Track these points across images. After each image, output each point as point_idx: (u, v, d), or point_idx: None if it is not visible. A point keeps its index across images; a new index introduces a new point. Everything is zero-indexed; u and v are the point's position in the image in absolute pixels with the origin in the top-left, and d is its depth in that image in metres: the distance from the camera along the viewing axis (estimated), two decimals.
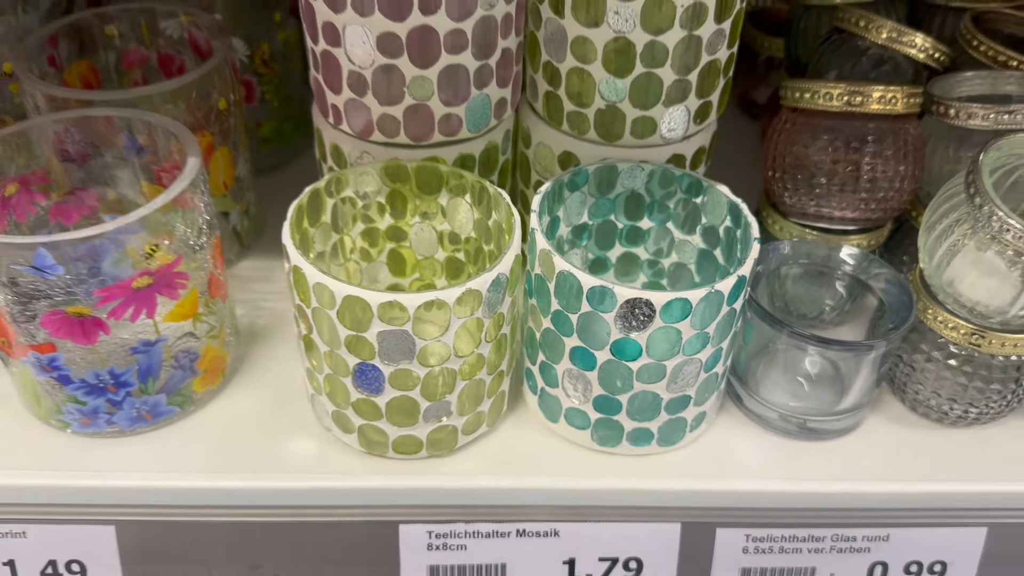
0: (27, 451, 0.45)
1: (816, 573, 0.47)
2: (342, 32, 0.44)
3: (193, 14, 0.56)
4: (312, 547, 0.45)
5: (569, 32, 0.45)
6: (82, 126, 0.48)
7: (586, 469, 0.45)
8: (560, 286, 0.42)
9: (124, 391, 0.44)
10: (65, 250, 0.39)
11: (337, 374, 0.42)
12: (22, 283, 0.39)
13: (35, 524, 0.44)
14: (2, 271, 0.39)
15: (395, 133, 0.47)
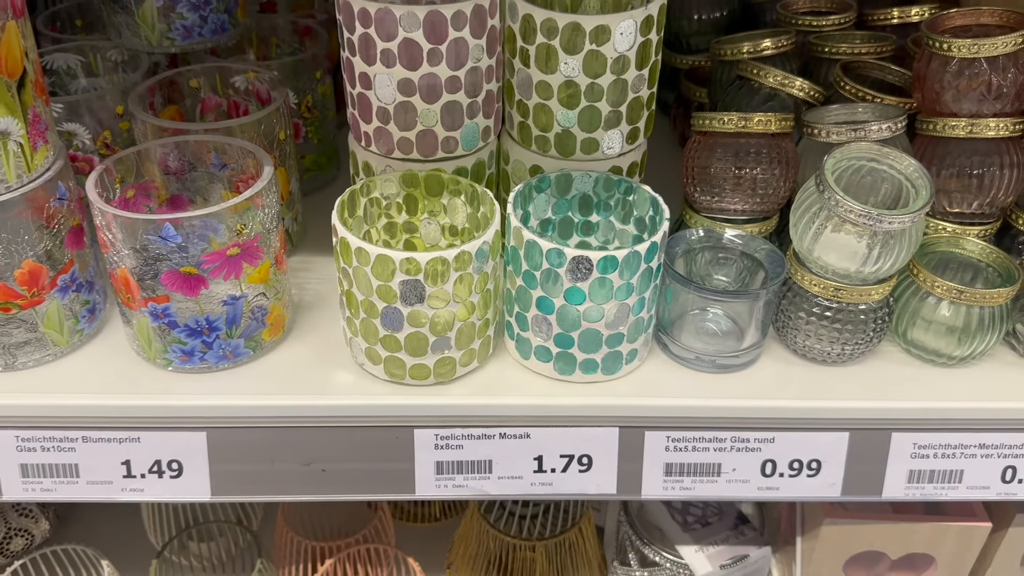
0: (141, 380, 0.62)
1: (721, 467, 0.63)
2: (373, 79, 0.62)
3: (257, 71, 0.74)
4: (350, 447, 0.61)
5: (534, 78, 0.64)
6: (181, 148, 0.65)
7: (550, 390, 0.62)
8: (528, 251, 0.59)
9: (215, 335, 0.61)
10: (184, 225, 0.56)
11: (369, 317, 0.59)
12: (151, 249, 0.57)
13: (146, 431, 0.60)
14: (137, 240, 0.56)
15: (409, 151, 0.64)
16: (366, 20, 0.60)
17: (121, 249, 0.57)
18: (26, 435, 0.60)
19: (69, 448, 0.60)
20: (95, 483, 0.61)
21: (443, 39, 0.60)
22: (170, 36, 0.74)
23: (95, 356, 0.64)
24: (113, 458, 0.60)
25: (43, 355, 0.62)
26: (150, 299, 0.59)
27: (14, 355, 0.61)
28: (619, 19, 0.60)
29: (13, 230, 0.57)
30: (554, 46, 0.62)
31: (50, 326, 0.62)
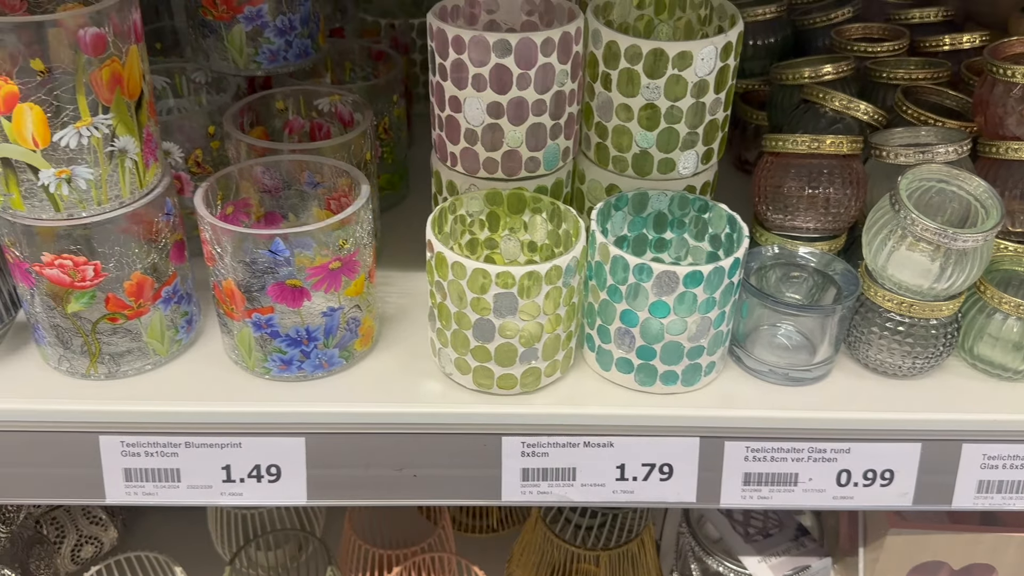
0: (241, 388, 0.64)
1: (798, 477, 0.65)
2: (463, 102, 0.65)
3: (340, 94, 0.78)
4: (440, 453, 0.64)
5: (615, 101, 0.67)
6: (277, 167, 0.69)
7: (631, 401, 0.64)
8: (614, 266, 0.61)
9: (313, 345, 0.64)
10: (291, 239, 0.59)
11: (461, 328, 0.62)
12: (260, 263, 0.60)
13: (248, 437, 0.63)
14: (247, 254, 0.59)
15: (494, 170, 0.67)
16: (460, 47, 0.63)
17: (229, 262, 0.60)
18: (131, 440, 0.62)
19: (172, 453, 0.63)
20: (195, 487, 0.64)
21: (532, 64, 0.63)
22: (257, 60, 0.77)
23: (193, 365, 0.67)
24: (214, 463, 0.63)
25: (144, 363, 0.65)
26: (254, 310, 0.62)
27: (118, 363, 0.64)
28: (701, 45, 0.63)
29: (125, 243, 0.60)
30: (636, 71, 0.65)
31: (152, 336, 0.65)
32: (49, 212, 0.57)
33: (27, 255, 0.59)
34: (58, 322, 0.62)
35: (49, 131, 0.54)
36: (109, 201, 0.59)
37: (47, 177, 0.56)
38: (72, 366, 0.64)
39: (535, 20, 0.72)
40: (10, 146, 0.54)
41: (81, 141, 0.55)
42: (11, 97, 0.53)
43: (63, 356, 0.64)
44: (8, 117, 0.53)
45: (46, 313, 0.61)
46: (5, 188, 0.56)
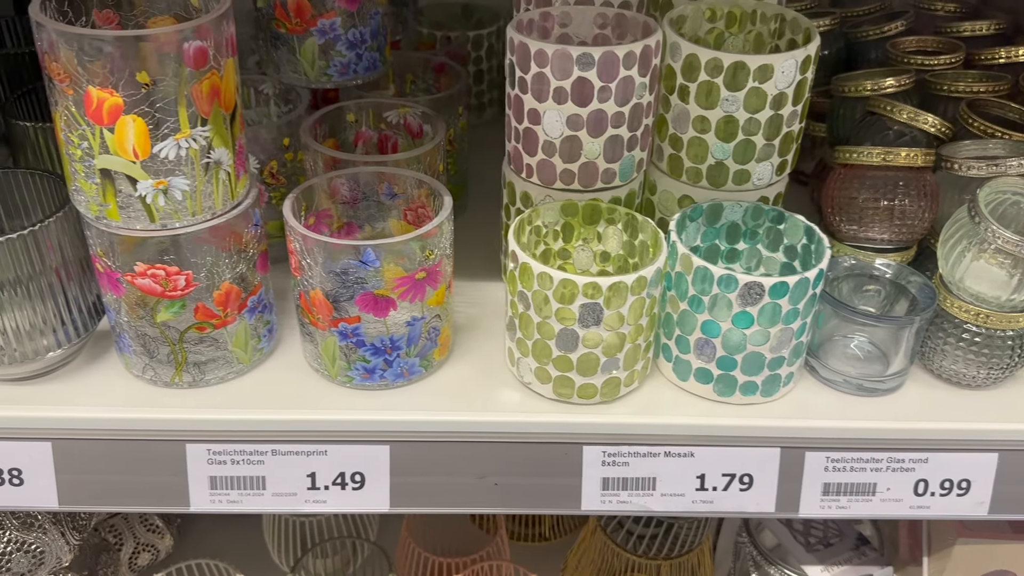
0: (325, 396, 0.65)
1: (876, 487, 0.65)
2: (542, 115, 0.66)
3: (409, 106, 0.79)
4: (522, 462, 0.64)
5: (692, 113, 0.67)
6: (355, 179, 0.69)
7: (711, 411, 0.65)
8: (696, 276, 0.62)
9: (396, 353, 0.64)
10: (382, 250, 0.60)
11: (544, 338, 0.62)
12: (351, 273, 0.60)
13: (334, 445, 0.63)
14: (338, 265, 0.60)
15: (571, 182, 0.68)
16: (542, 60, 0.64)
17: (319, 273, 0.61)
18: (217, 448, 0.63)
19: (258, 461, 0.63)
20: (280, 495, 0.64)
21: (613, 77, 0.64)
22: (328, 72, 0.78)
23: (274, 373, 0.67)
24: (300, 471, 0.64)
25: (228, 372, 0.66)
26: (341, 320, 0.62)
27: (202, 372, 0.65)
28: (783, 59, 0.64)
29: (215, 254, 0.61)
30: (716, 83, 0.65)
31: (237, 344, 0.65)
32: (144, 222, 0.58)
33: (119, 265, 0.60)
34: (146, 331, 0.62)
35: (150, 143, 0.55)
36: (202, 212, 0.59)
37: (145, 188, 0.57)
38: (157, 374, 0.65)
39: (607, 33, 0.73)
40: (111, 157, 0.55)
41: (180, 153, 0.56)
42: (115, 109, 0.53)
43: (148, 365, 0.64)
44: (111, 129, 0.54)
45: (134, 322, 0.62)
46: (102, 199, 0.57)
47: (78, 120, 0.54)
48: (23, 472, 0.63)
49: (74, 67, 0.52)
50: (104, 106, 0.53)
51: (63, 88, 0.53)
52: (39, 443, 0.62)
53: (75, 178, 0.58)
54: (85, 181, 0.57)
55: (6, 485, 0.63)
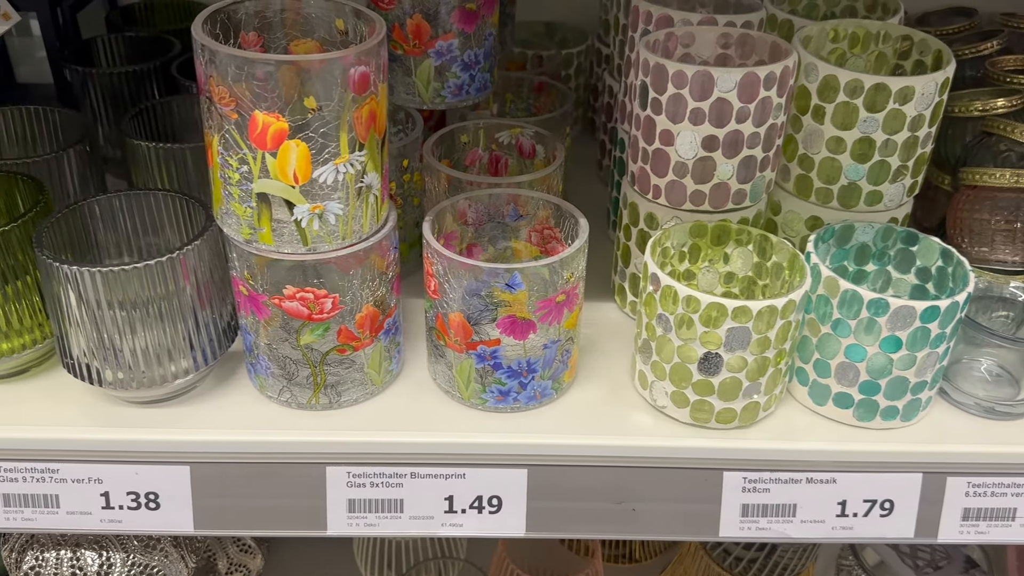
0: (458, 419, 0.65)
1: (1016, 512, 0.64)
2: (676, 136, 0.65)
3: (522, 126, 0.78)
4: (660, 487, 0.63)
5: (826, 133, 0.67)
6: (482, 201, 0.69)
7: (852, 436, 0.64)
8: (843, 300, 0.61)
9: (532, 376, 0.64)
10: (528, 274, 0.59)
11: (684, 362, 0.62)
12: (495, 296, 0.60)
13: (471, 468, 0.63)
14: (482, 287, 0.60)
15: (701, 203, 0.68)
16: (681, 81, 0.64)
17: (462, 295, 0.61)
18: (357, 471, 0.63)
19: (397, 484, 0.63)
20: (417, 518, 0.64)
21: (753, 98, 0.64)
22: (442, 94, 0.78)
23: (404, 395, 0.67)
24: (438, 494, 0.63)
25: (361, 394, 0.66)
26: (480, 342, 0.62)
27: (339, 394, 0.65)
28: (923, 81, 0.64)
29: (361, 276, 0.61)
30: (855, 104, 0.65)
31: (372, 366, 0.65)
32: (296, 246, 0.58)
33: (266, 288, 0.60)
34: (287, 354, 0.62)
35: (311, 168, 0.55)
36: (351, 236, 0.59)
37: (301, 212, 0.57)
38: (293, 396, 0.64)
39: (730, 53, 0.73)
40: (270, 182, 0.55)
41: (337, 178, 0.56)
42: (280, 134, 0.53)
43: (285, 387, 0.64)
44: (274, 154, 0.54)
45: (276, 345, 0.62)
46: (256, 222, 0.57)
47: (239, 144, 0.54)
48: (159, 496, 0.63)
49: (242, 91, 0.52)
50: (269, 131, 0.53)
51: (227, 112, 0.53)
52: (177, 467, 0.62)
53: (227, 201, 0.58)
54: (239, 204, 0.57)
55: (142, 509, 0.63)
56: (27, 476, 0.62)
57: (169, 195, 0.65)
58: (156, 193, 0.65)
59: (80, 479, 0.62)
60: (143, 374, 0.62)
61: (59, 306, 0.60)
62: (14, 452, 0.62)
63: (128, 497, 0.62)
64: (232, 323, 0.66)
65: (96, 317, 0.59)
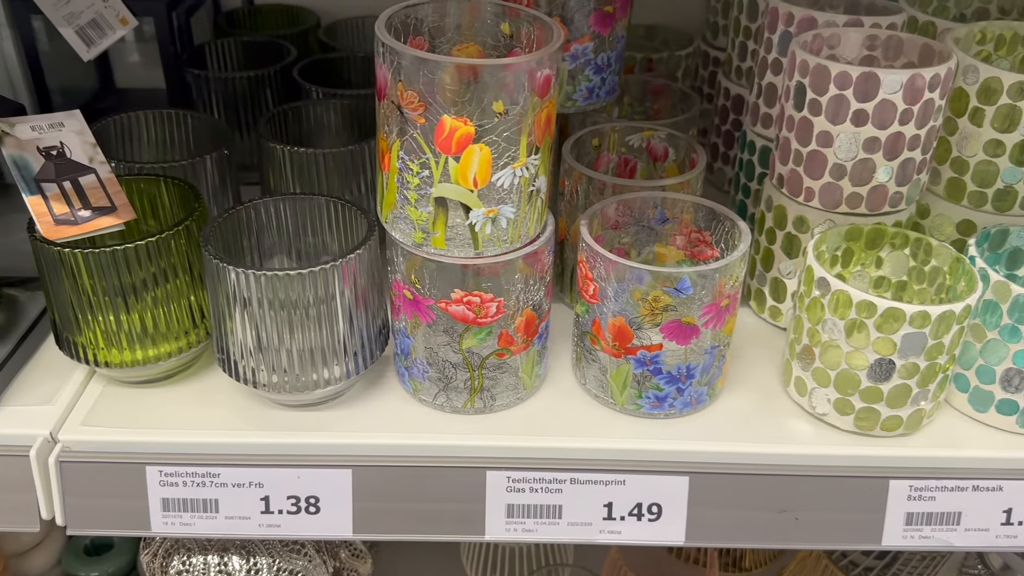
0: (618, 426, 0.64)
1: None
2: (835, 137, 0.65)
3: (653, 129, 0.78)
4: (823, 496, 0.62)
5: (984, 136, 0.66)
6: (629, 204, 0.69)
7: (1018, 444, 0.63)
8: (1015, 305, 0.60)
9: (690, 382, 0.63)
10: (697, 278, 0.59)
11: (853, 368, 0.61)
12: (660, 300, 0.59)
13: (631, 474, 0.62)
14: (650, 293, 0.59)
15: (857, 205, 0.67)
16: (844, 82, 0.63)
17: (626, 300, 0.60)
18: (517, 476, 0.62)
19: (557, 489, 0.62)
20: (575, 524, 0.63)
21: (917, 100, 0.63)
22: (573, 98, 0.78)
23: (553, 399, 0.67)
24: (597, 500, 0.63)
25: (514, 398, 0.65)
26: (641, 347, 0.62)
27: (494, 398, 0.64)
28: None
29: (523, 280, 0.60)
30: (1020, 107, 0.64)
31: (525, 371, 0.65)
32: (467, 250, 0.58)
33: (434, 292, 0.60)
34: (447, 358, 0.62)
35: (491, 172, 0.55)
36: (519, 239, 0.59)
37: (476, 216, 0.56)
38: (449, 400, 0.64)
39: (876, 55, 0.72)
40: (450, 186, 0.55)
41: (513, 181, 0.56)
42: (466, 138, 0.53)
43: (441, 391, 0.64)
44: (457, 158, 0.54)
45: (436, 349, 0.62)
46: (431, 227, 0.57)
47: (423, 148, 0.54)
48: (320, 500, 0.62)
49: (432, 95, 0.52)
50: (455, 135, 0.53)
51: (414, 116, 0.53)
52: (339, 470, 0.62)
53: (402, 205, 0.57)
54: (415, 209, 0.57)
55: (301, 514, 0.63)
56: (187, 480, 0.62)
57: (330, 200, 0.65)
58: (317, 198, 0.65)
59: (241, 483, 0.62)
60: (299, 377, 0.61)
61: (223, 307, 0.60)
62: (174, 456, 0.62)
63: (288, 501, 0.62)
64: (384, 328, 0.66)
65: (258, 319, 0.59)
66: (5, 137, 0.63)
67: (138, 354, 0.64)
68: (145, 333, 0.63)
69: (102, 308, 0.62)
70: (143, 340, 0.63)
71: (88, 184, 0.65)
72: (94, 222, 0.64)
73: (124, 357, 0.63)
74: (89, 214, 0.64)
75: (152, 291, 0.63)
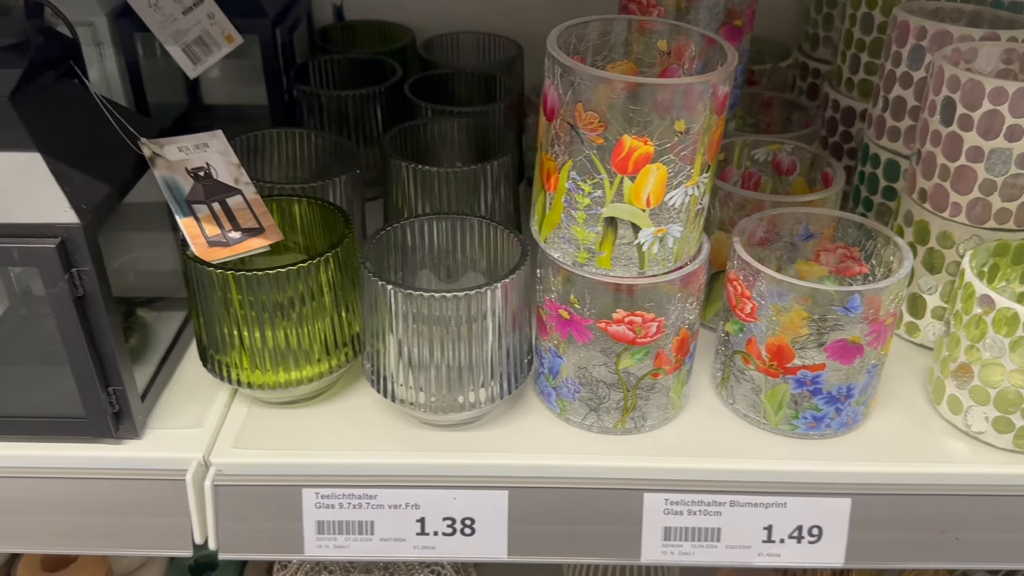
0: (775, 447, 0.63)
1: None
2: (986, 153, 0.64)
3: (780, 143, 0.77)
4: (982, 515, 0.61)
5: None
6: (774, 220, 0.68)
7: None
8: None
9: (848, 401, 0.62)
10: (867, 296, 0.58)
11: (1017, 387, 0.60)
12: (828, 319, 0.59)
13: (792, 496, 0.61)
14: (816, 311, 0.58)
15: (1005, 221, 0.66)
16: (999, 98, 0.62)
17: (786, 318, 0.59)
18: (675, 499, 0.61)
19: (715, 512, 0.61)
20: (734, 547, 0.62)
21: None
22: None
23: (699, 418, 0.66)
24: (756, 522, 0.62)
25: (661, 418, 0.65)
26: (803, 367, 0.61)
27: (644, 418, 0.64)
28: None
29: (683, 299, 0.60)
30: None
31: (675, 390, 0.64)
32: (631, 270, 0.57)
33: (593, 312, 0.59)
34: (602, 378, 0.61)
35: (664, 191, 0.54)
36: (682, 258, 0.58)
37: (646, 236, 0.56)
38: (599, 420, 0.63)
39: (1013, 68, 0.71)
40: (622, 206, 0.55)
41: (684, 200, 0.55)
42: (643, 158, 0.53)
43: (592, 411, 0.63)
44: (633, 178, 0.53)
45: (590, 369, 0.61)
46: (598, 247, 0.57)
47: (598, 169, 0.53)
48: (476, 522, 0.62)
49: (615, 115, 0.51)
50: (634, 155, 0.52)
51: (591, 137, 0.53)
52: (496, 492, 0.61)
53: (568, 225, 0.57)
54: (582, 229, 0.56)
55: (457, 535, 0.62)
56: (344, 502, 0.61)
57: (483, 221, 0.64)
58: (471, 218, 0.64)
59: (398, 505, 0.61)
60: (450, 397, 0.61)
61: (379, 326, 0.60)
62: (330, 478, 0.61)
63: (444, 523, 0.62)
64: (530, 348, 0.65)
65: (416, 337, 0.59)
66: (156, 158, 0.63)
67: (281, 376, 0.63)
68: (290, 353, 0.63)
69: (251, 328, 0.61)
70: (289, 361, 0.63)
71: (235, 205, 0.65)
72: (244, 243, 0.64)
73: (269, 379, 0.63)
74: (239, 235, 0.64)
75: (299, 311, 0.62)
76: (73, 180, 0.55)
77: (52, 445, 0.62)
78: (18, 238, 0.54)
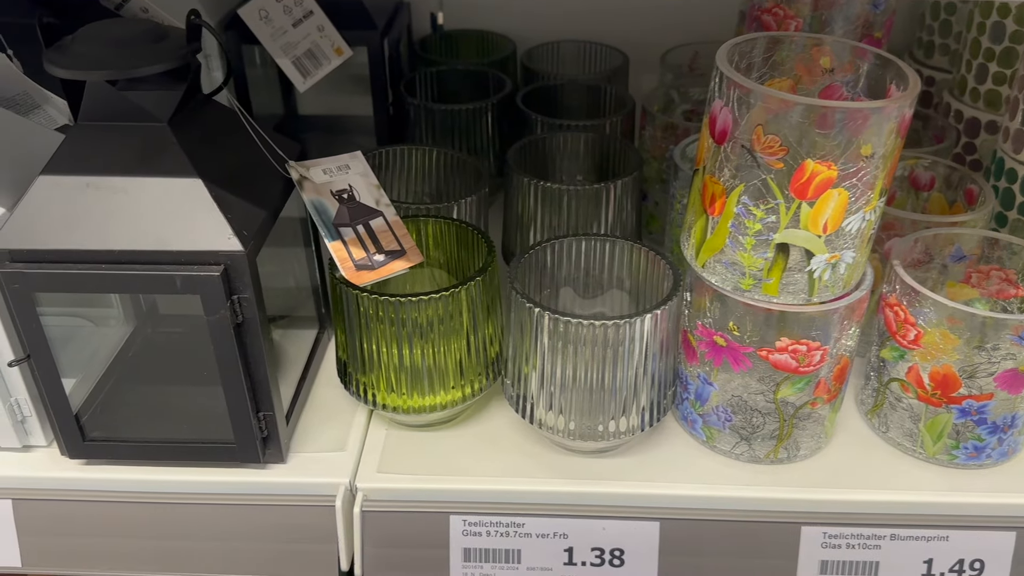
0: (927, 479, 0.61)
1: None
2: None
3: (918, 157, 0.75)
4: None
5: None
6: (927, 241, 0.65)
7: None
8: None
9: (1012, 431, 0.60)
10: None
11: None
12: (1001, 348, 0.56)
13: (954, 530, 0.59)
14: (989, 340, 0.56)
15: None
16: None
17: (962, 347, 0.57)
18: (833, 532, 0.59)
19: (875, 546, 0.60)
20: None
21: None
22: None
23: (850, 448, 0.64)
24: (916, 556, 0.60)
25: (813, 447, 0.62)
26: (968, 396, 0.58)
27: (797, 447, 0.62)
28: None
29: (845, 328, 0.58)
30: None
31: (830, 419, 0.62)
32: (799, 297, 0.55)
33: (754, 339, 0.57)
34: (757, 406, 0.60)
35: (843, 217, 0.52)
36: (850, 285, 0.56)
37: (818, 263, 0.54)
38: (750, 449, 0.62)
39: None
40: (797, 232, 0.53)
41: (860, 226, 0.53)
42: (825, 183, 0.51)
43: (743, 440, 0.61)
44: (812, 203, 0.52)
45: (746, 397, 0.60)
46: (766, 273, 0.55)
47: (775, 194, 0.52)
48: (625, 553, 0.60)
49: (798, 140, 0.49)
50: (815, 180, 0.51)
51: (770, 161, 0.51)
52: (647, 523, 0.60)
53: (733, 250, 0.55)
54: (748, 254, 0.55)
55: (605, 566, 0.61)
56: (492, 530, 0.60)
57: (629, 243, 0.63)
58: (620, 241, 0.63)
59: (545, 534, 0.60)
60: (597, 424, 0.60)
61: (527, 349, 0.58)
62: (478, 505, 0.60)
63: (592, 553, 0.60)
64: (675, 375, 0.64)
65: (563, 361, 0.57)
66: (304, 181, 0.62)
67: (427, 400, 0.62)
68: (434, 374, 0.62)
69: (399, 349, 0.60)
70: (436, 382, 0.62)
71: (378, 227, 0.64)
72: (389, 266, 0.63)
73: (415, 402, 0.62)
74: (383, 258, 0.63)
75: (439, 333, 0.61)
76: (232, 206, 0.54)
77: (198, 470, 0.61)
78: (181, 265, 0.53)
